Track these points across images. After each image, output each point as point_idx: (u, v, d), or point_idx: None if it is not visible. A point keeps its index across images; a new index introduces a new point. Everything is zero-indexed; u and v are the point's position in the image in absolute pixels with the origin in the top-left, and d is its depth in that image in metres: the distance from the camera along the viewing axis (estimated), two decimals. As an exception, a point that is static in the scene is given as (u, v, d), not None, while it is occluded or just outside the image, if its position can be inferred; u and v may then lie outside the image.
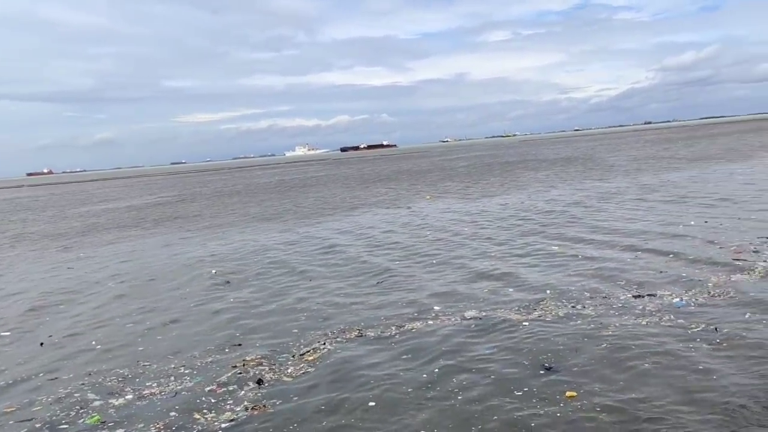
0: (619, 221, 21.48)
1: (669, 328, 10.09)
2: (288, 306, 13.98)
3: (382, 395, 8.63)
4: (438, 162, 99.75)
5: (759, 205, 22.20)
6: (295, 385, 9.26)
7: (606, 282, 13.31)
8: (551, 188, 36.47)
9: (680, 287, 12.31)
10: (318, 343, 11.04)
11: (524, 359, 9.38)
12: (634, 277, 13.44)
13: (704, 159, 50.42)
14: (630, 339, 9.75)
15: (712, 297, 11.47)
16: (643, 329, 10.10)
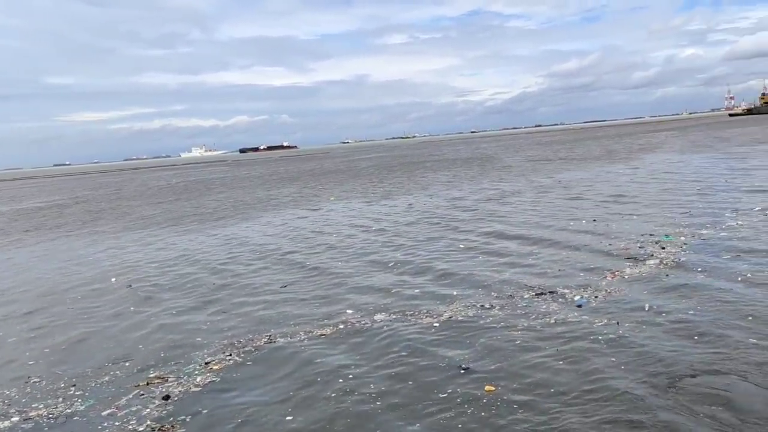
0: (517, 221, 22.24)
1: (574, 324, 10.49)
2: (192, 314, 13.46)
3: (299, 404, 8.43)
4: (340, 163, 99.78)
5: (641, 203, 23.69)
6: (205, 398, 8.87)
7: (509, 281, 13.68)
8: (453, 188, 37.30)
9: (579, 285, 12.84)
10: (224, 353, 10.68)
11: (441, 361, 9.44)
12: (535, 276, 13.91)
13: (590, 160, 53.33)
14: (540, 336, 10.07)
15: (609, 294, 12.04)
16: (550, 327, 10.45)
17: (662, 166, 41.02)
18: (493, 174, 46.85)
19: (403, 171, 61.52)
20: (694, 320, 10.21)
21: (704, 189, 26.51)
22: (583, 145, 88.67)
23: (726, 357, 8.68)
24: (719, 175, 31.84)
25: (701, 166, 38.44)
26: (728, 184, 27.59)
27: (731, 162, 39.04)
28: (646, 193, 26.75)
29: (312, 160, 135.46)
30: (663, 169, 38.66)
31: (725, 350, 8.89)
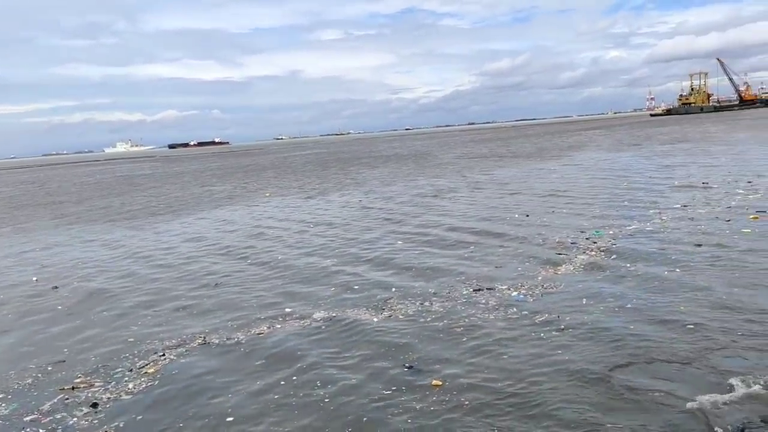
0: (453, 217, 22.43)
1: (515, 320, 10.62)
2: (121, 314, 12.96)
3: (239, 406, 8.17)
4: (275, 159, 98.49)
5: (573, 199, 24.33)
6: (137, 404, 8.50)
7: (447, 278, 13.75)
8: (389, 185, 37.33)
9: (515, 280, 13.03)
10: (157, 354, 10.32)
11: (385, 360, 9.37)
12: (473, 272, 14.03)
13: (523, 157, 54.51)
14: (482, 331, 10.14)
15: (545, 289, 12.27)
16: (492, 323, 10.53)
17: (591, 163, 42.32)
18: (429, 171, 47.19)
19: (340, 167, 61.25)
20: (628, 311, 10.52)
21: (631, 186, 27.49)
22: (515, 143, 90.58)
23: (660, 345, 8.98)
24: (644, 172, 33.08)
25: (627, 163, 39.88)
26: (652, 180, 28.70)
27: (655, 160, 40.67)
28: (576, 190, 27.50)
29: (245, 156, 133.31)
30: (592, 166, 39.87)
31: (660, 339, 9.19)
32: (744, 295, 10.83)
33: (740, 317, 9.85)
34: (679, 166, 34.83)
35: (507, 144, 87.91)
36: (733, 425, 6.70)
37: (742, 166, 31.91)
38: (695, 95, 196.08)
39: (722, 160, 35.93)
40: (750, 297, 10.73)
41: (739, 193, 22.16)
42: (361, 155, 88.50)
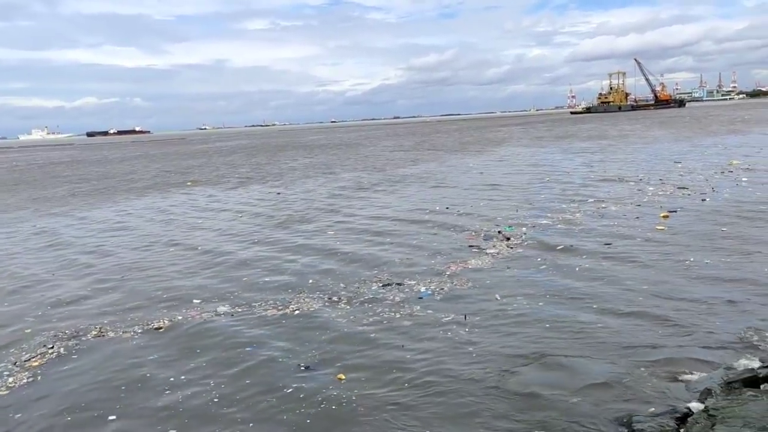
0: (373, 210, 22.30)
1: (420, 316, 10.49)
2: (11, 305, 12.18)
3: (127, 405, 7.70)
4: (197, 149, 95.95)
5: (491, 193, 24.65)
6: (17, 400, 7.90)
7: (360, 272, 13.55)
8: (311, 177, 36.83)
9: (425, 275, 12.94)
10: (46, 347, 9.76)
11: (287, 356, 9.08)
12: (385, 266, 13.89)
13: (446, 151, 55.04)
14: (386, 328, 9.97)
15: (454, 284, 12.21)
16: (398, 320, 10.35)
17: (512, 158, 43.19)
18: (353, 164, 46.94)
19: (265, 158, 60.19)
20: (533, 308, 10.57)
21: (549, 180, 28.14)
22: (440, 137, 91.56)
23: (568, 340, 9.06)
24: (562, 167, 33.99)
25: (547, 159, 40.91)
26: (570, 176, 29.49)
27: (574, 156, 41.91)
28: (496, 184, 27.91)
29: (167, 145, 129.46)
30: (513, 161, 40.69)
31: (567, 335, 9.27)
32: (648, 294, 10.94)
33: (646, 316, 9.94)
34: (597, 162, 35.93)
35: (431, 138, 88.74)
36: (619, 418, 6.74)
37: (655, 163, 33.22)
38: (614, 94, 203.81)
39: (638, 158, 37.37)
40: (652, 298, 10.76)
41: (650, 191, 22.91)
42: (286, 146, 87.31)
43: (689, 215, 17.79)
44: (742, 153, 35.81)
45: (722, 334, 8.89)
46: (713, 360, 8.07)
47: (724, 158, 33.05)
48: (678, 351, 8.41)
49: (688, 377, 7.61)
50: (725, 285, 11.11)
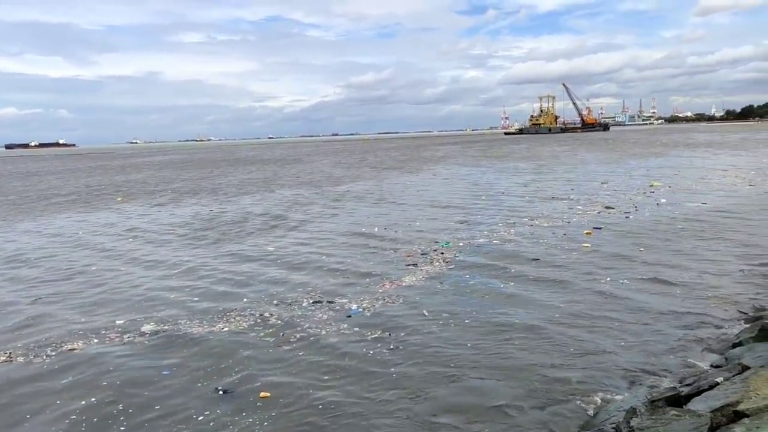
0: (309, 227, 22.06)
1: (347, 334, 10.35)
2: None
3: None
4: (127, 164, 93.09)
5: (429, 211, 24.78)
6: None
7: (293, 289, 13.30)
8: (246, 195, 36.20)
9: (359, 292, 12.82)
10: None
11: (206, 378, 8.77)
12: (319, 284, 13.68)
13: (384, 169, 55.30)
14: (312, 347, 9.79)
15: (386, 301, 12.13)
16: (324, 337, 10.19)
17: (450, 177, 43.71)
18: (291, 180, 46.53)
19: (200, 173, 58.91)
20: (460, 327, 10.54)
21: (484, 198, 28.59)
22: (379, 155, 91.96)
23: (487, 359, 9.06)
24: (498, 186, 34.66)
25: (483, 177, 41.61)
26: (505, 195, 30.06)
27: (508, 175, 42.81)
28: (434, 202, 28.11)
29: (95, 159, 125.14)
30: (450, 179, 41.18)
31: (486, 354, 9.27)
32: (566, 312, 11.09)
33: (569, 332, 10.10)
34: (531, 181, 36.81)
35: (370, 155, 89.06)
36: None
37: (584, 183, 34.30)
38: (544, 117, 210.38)
39: (568, 178, 38.49)
40: (569, 317, 10.89)
41: (579, 209, 23.62)
42: (222, 162, 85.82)
43: (614, 233, 18.39)
44: (663, 174, 37.51)
45: (636, 354, 9.05)
46: (633, 379, 8.20)
47: (646, 179, 34.50)
48: (595, 371, 8.50)
49: (612, 397, 7.76)
50: (637, 305, 11.32)
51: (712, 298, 11.61)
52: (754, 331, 8.53)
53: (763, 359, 7.41)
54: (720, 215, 21.01)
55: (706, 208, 22.89)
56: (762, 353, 7.75)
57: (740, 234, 17.66)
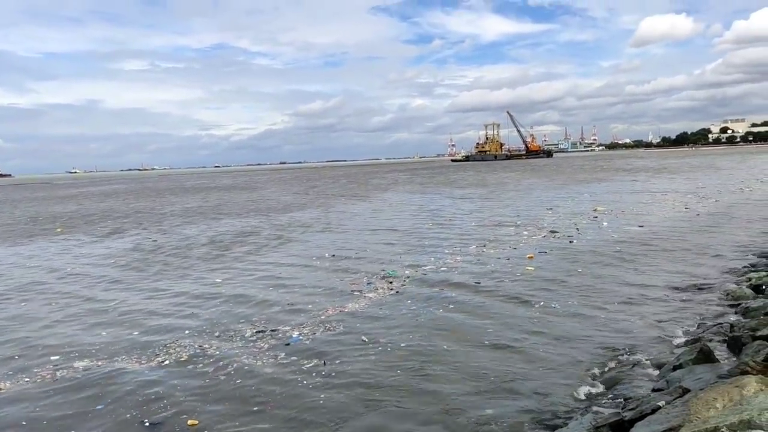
0: (256, 256, 21.72)
1: (284, 364, 10.18)
2: None
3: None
4: (66, 194, 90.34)
5: (377, 239, 24.79)
6: None
7: (236, 319, 13.09)
8: (188, 225, 35.48)
9: (302, 321, 12.67)
10: None
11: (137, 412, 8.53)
12: (264, 313, 13.49)
13: (333, 197, 55.20)
14: (247, 376, 9.62)
15: (327, 329, 12.01)
16: (260, 368, 10.01)
17: (398, 204, 43.96)
18: (238, 209, 45.89)
19: (142, 203, 57.56)
20: (395, 348, 10.57)
21: (432, 225, 28.80)
22: (327, 182, 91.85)
23: (416, 386, 9.01)
24: (446, 213, 34.96)
25: (431, 204, 41.95)
26: (452, 221, 30.34)
27: (456, 202, 43.30)
28: (382, 229, 28.21)
29: (32, 189, 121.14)
30: (399, 207, 41.38)
31: (417, 382, 9.20)
32: (500, 340, 11.02)
33: (508, 361, 10.10)
34: (478, 208, 37.33)
35: (318, 183, 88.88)
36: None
37: (530, 209, 34.93)
38: (490, 144, 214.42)
39: (514, 203, 39.21)
40: (502, 346, 10.75)
41: (525, 235, 23.97)
42: (166, 191, 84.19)
43: (557, 257, 18.79)
44: (606, 199, 38.60)
45: (566, 381, 9.04)
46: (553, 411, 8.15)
47: (589, 204, 35.40)
48: (512, 401, 8.46)
49: (555, 422, 7.76)
50: (566, 330, 11.41)
51: (640, 321, 11.77)
52: (693, 354, 8.70)
53: (702, 381, 7.55)
54: (655, 238, 21.73)
55: (642, 231, 23.62)
56: (701, 375, 7.90)
57: (670, 256, 18.25)
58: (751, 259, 17.07)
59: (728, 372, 7.45)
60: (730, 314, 11.57)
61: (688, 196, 38.59)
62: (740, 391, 6.24)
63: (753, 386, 6.24)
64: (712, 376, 7.66)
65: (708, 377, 7.69)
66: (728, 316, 11.47)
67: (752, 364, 7.11)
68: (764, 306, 10.39)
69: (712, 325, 10.85)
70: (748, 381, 6.37)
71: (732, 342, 9.19)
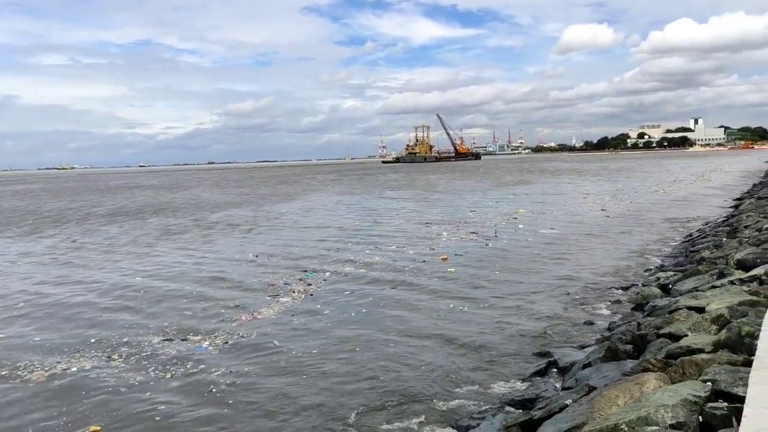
0: (176, 257, 21.16)
1: (190, 374, 9.79)
2: None
3: None
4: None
5: (297, 240, 24.56)
6: None
7: (147, 327, 12.55)
8: (111, 224, 34.07)
9: (214, 328, 12.23)
10: None
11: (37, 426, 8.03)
12: (176, 320, 12.98)
13: (261, 197, 54.26)
14: (150, 386, 9.28)
15: (239, 337, 11.59)
16: (164, 382, 9.52)
17: (326, 205, 43.71)
18: (162, 209, 44.47)
19: (62, 202, 54.95)
20: (303, 367, 10.18)
21: (358, 226, 28.71)
22: (255, 183, 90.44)
23: (310, 393, 8.85)
24: (373, 214, 34.94)
25: (359, 205, 41.90)
26: (378, 222, 30.38)
27: (384, 203, 43.45)
28: (308, 230, 27.94)
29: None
30: (327, 208, 41.16)
31: (316, 389, 9.02)
32: (419, 346, 10.86)
33: (419, 363, 10.08)
34: (405, 209, 37.57)
35: (246, 184, 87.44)
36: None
37: (455, 210, 35.41)
38: (420, 146, 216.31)
39: (441, 205, 39.72)
40: (406, 355, 10.48)
41: (444, 235, 24.22)
42: (86, 191, 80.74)
43: (473, 258, 19.06)
44: (529, 201, 39.66)
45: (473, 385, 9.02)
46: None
47: (513, 206, 36.17)
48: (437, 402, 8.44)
49: (468, 422, 7.77)
50: (474, 331, 11.49)
51: (551, 321, 11.98)
52: (602, 352, 8.89)
53: (607, 379, 7.72)
54: (569, 240, 22.35)
55: (556, 233, 24.24)
56: (607, 373, 8.08)
57: (583, 258, 18.78)
58: (655, 262, 17.69)
59: (631, 369, 7.64)
60: (639, 313, 11.95)
61: (606, 198, 40.05)
62: (640, 388, 6.39)
63: (652, 383, 6.40)
64: (617, 373, 7.83)
65: (613, 375, 7.86)
66: (638, 314, 11.84)
67: (653, 362, 7.31)
68: (669, 305, 10.73)
69: (621, 324, 11.17)
70: (648, 378, 6.53)
71: (638, 340, 9.47)
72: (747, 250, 13.59)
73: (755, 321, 7.35)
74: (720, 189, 45.94)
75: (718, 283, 11.20)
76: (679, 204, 34.75)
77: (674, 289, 12.50)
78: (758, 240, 14.92)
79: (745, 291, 9.76)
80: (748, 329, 7.05)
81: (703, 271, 12.92)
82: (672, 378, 6.59)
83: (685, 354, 7.22)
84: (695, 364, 6.65)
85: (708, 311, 8.91)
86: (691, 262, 15.56)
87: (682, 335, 8.31)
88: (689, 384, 6.06)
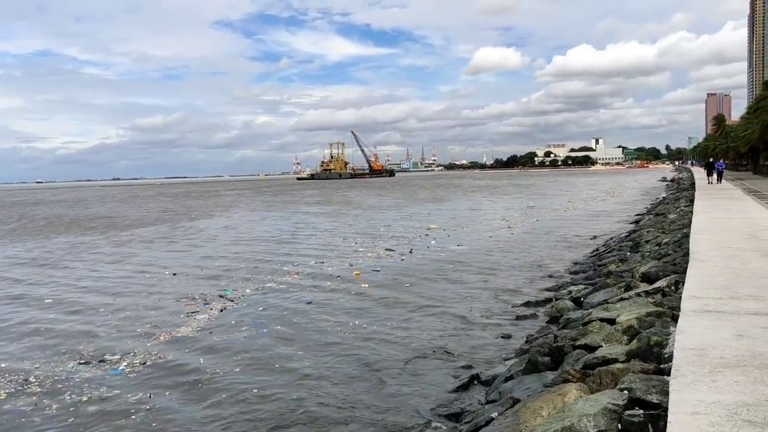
0: (87, 274, 20.22)
1: (108, 397, 9.35)
2: None
3: None
4: None
5: (217, 257, 24.01)
6: None
7: (61, 345, 12.07)
8: (10, 242, 32.13)
9: (131, 349, 11.77)
10: None
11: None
12: (92, 341, 12.40)
13: (174, 214, 52.70)
14: (63, 414, 8.78)
15: (155, 358, 11.19)
16: (82, 405, 9.07)
17: (241, 222, 42.97)
18: (66, 227, 42.36)
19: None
20: (227, 374, 10.17)
21: (274, 243, 28.45)
22: (165, 200, 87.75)
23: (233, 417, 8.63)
24: (288, 231, 34.65)
25: (275, 223, 41.41)
26: (294, 239, 30.18)
27: (299, 219, 43.17)
28: (224, 247, 27.52)
29: None
30: (242, 225, 40.41)
31: (235, 409, 8.84)
32: (317, 371, 10.51)
33: (340, 385, 10.03)
34: (321, 227, 37.38)
35: (156, 200, 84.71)
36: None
37: (370, 227, 35.69)
38: (335, 163, 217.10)
39: (356, 222, 39.91)
40: (319, 377, 10.21)
41: (360, 251, 24.38)
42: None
43: (388, 275, 19.12)
44: (441, 217, 40.54)
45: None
46: None
47: (425, 222, 36.85)
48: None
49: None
50: (403, 345, 11.58)
51: (469, 336, 12.17)
52: (523, 365, 9.19)
53: (530, 390, 7.98)
54: (477, 256, 22.65)
55: (464, 250, 24.73)
56: (530, 385, 8.36)
57: (489, 273, 19.16)
58: (565, 276, 18.40)
59: (552, 381, 7.94)
60: (555, 326, 12.42)
61: (515, 214, 41.47)
62: (562, 399, 6.65)
63: (573, 393, 6.68)
64: (539, 385, 8.12)
65: (535, 387, 8.14)
66: (553, 327, 12.30)
67: (573, 372, 7.62)
68: (582, 317, 11.23)
69: (538, 337, 11.58)
70: (569, 389, 6.81)
71: (555, 352, 9.85)
72: (650, 263, 14.39)
73: (662, 331, 7.81)
74: (622, 204, 48.68)
75: (626, 295, 11.78)
76: (587, 219, 36.48)
77: (586, 302, 13.06)
78: (659, 254, 15.85)
79: (650, 302, 10.32)
80: (656, 339, 7.48)
81: (611, 284, 13.55)
82: (591, 388, 6.89)
83: (601, 364, 7.57)
84: (611, 374, 6.99)
85: (619, 322, 9.36)
86: (600, 276, 16.32)
87: (597, 346, 8.71)
88: (608, 393, 6.36)
